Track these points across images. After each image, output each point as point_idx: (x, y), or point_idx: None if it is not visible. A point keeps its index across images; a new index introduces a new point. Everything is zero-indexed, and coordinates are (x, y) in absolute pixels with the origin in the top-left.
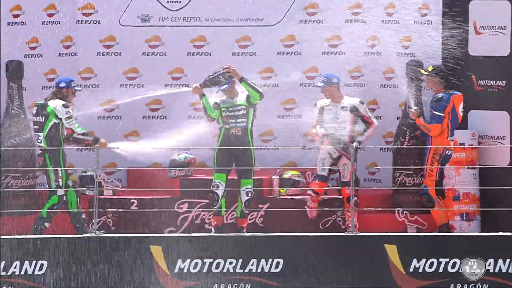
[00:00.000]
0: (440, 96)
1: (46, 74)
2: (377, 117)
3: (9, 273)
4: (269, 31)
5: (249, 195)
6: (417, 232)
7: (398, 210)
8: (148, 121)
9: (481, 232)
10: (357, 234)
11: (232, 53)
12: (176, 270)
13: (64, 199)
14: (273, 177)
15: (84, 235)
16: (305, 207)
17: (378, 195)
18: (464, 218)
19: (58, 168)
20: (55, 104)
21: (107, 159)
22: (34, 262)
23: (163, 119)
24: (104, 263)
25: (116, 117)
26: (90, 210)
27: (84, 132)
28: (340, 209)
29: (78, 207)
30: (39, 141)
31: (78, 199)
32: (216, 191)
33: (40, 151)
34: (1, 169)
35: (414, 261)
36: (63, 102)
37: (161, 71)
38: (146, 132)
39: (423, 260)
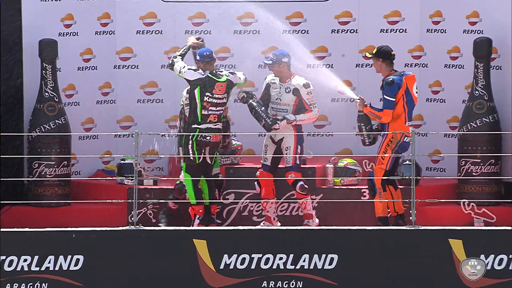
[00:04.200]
0: (390, 79)
1: (82, 54)
2: (440, 100)
3: (42, 269)
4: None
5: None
6: (485, 225)
7: (464, 202)
8: None
9: None
10: (419, 228)
11: (282, 30)
12: (221, 266)
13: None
14: (327, 165)
15: (122, 228)
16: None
17: (441, 186)
18: None
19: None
20: (185, 91)
21: (147, 146)
22: (69, 257)
23: None
24: (143, 257)
25: (157, 101)
26: (129, 201)
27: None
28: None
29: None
30: None
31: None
32: None
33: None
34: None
35: (482, 257)
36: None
37: None
38: None
39: (491, 257)
